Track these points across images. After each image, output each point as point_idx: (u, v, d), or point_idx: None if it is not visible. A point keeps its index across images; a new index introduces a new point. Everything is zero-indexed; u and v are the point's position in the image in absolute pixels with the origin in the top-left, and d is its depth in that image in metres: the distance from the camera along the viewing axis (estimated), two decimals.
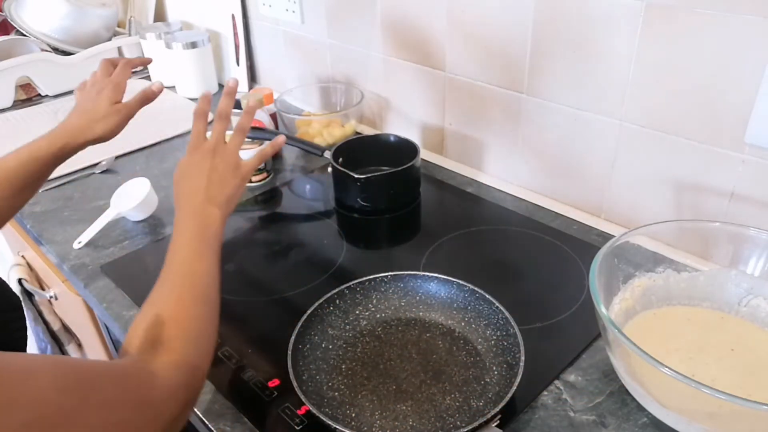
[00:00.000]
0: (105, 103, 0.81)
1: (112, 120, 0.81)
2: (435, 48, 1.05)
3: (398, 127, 1.21)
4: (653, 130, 0.82)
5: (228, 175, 0.69)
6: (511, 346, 0.66)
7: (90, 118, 0.80)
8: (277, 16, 1.35)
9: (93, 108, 0.81)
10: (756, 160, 0.73)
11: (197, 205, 0.65)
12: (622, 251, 0.70)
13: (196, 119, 0.73)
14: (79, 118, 0.80)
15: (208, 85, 1.52)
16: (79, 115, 0.81)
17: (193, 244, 0.62)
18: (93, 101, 0.82)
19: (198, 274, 0.60)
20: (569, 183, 0.96)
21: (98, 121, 0.80)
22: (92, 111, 0.80)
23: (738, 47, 0.70)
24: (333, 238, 0.95)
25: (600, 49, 0.82)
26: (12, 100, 1.48)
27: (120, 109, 0.82)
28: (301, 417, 0.63)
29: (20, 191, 0.74)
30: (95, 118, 0.80)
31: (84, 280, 0.87)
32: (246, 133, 0.75)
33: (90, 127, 0.80)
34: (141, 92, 0.85)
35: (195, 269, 0.60)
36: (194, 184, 0.67)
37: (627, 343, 0.56)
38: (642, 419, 0.62)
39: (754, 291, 0.70)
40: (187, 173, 0.69)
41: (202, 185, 0.67)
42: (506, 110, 0.99)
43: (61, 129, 0.79)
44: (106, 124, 0.80)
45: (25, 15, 1.55)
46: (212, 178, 0.68)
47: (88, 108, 0.81)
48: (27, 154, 0.75)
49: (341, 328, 0.73)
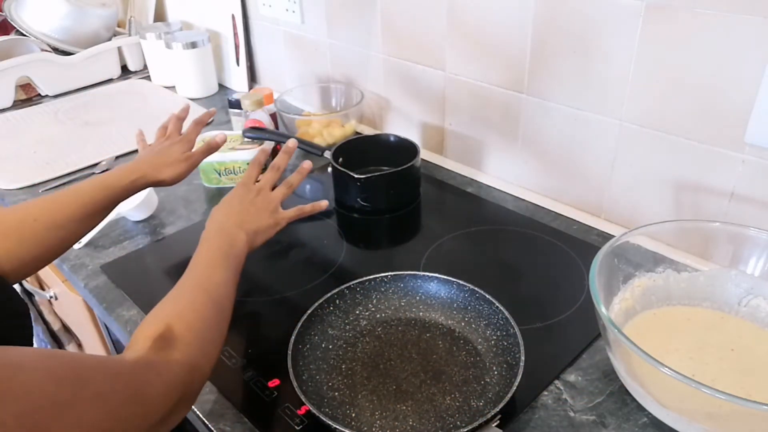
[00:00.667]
0: (177, 151, 0.87)
1: (181, 167, 0.86)
2: (435, 48, 1.05)
3: (398, 127, 1.21)
4: (653, 130, 0.82)
5: (264, 213, 0.76)
6: (511, 346, 0.66)
7: (162, 162, 0.85)
8: (277, 16, 1.35)
9: (166, 153, 0.86)
10: (756, 160, 0.73)
11: (226, 226, 0.71)
12: (622, 251, 0.70)
13: (251, 166, 0.81)
14: (151, 158, 0.85)
15: (208, 85, 1.52)
16: (152, 156, 0.86)
17: (215, 257, 0.66)
18: (167, 147, 0.88)
19: (214, 282, 0.63)
20: (569, 183, 0.96)
21: (169, 165, 0.85)
22: (165, 155, 0.86)
23: (738, 47, 0.70)
24: (333, 238, 0.95)
25: (600, 49, 0.82)
26: (12, 100, 1.48)
27: (189, 157, 0.88)
28: (301, 417, 0.63)
29: (89, 217, 0.76)
30: (167, 162, 0.85)
31: (84, 280, 0.87)
32: (293, 190, 0.82)
33: (161, 170, 0.84)
34: (206, 143, 0.90)
35: (212, 277, 0.64)
36: (230, 210, 0.74)
37: (627, 343, 0.56)
38: (642, 419, 0.62)
39: (754, 291, 0.70)
40: (227, 201, 0.76)
41: (235, 212, 0.74)
42: (506, 110, 0.99)
43: (135, 165, 0.83)
44: (175, 170, 0.86)
45: (25, 15, 1.55)
46: (249, 210, 0.75)
47: (161, 152, 0.87)
48: (100, 182, 0.78)
49: (341, 328, 0.73)
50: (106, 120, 1.38)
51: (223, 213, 0.74)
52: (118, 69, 1.65)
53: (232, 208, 0.74)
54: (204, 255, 0.67)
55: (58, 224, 0.72)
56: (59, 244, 0.73)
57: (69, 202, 0.74)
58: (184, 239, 0.96)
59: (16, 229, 0.69)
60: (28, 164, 1.19)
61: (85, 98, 1.52)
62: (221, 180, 1.08)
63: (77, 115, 1.41)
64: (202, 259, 0.66)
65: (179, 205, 1.04)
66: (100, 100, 1.51)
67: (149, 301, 0.82)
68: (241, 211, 0.74)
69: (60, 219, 0.72)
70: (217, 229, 0.71)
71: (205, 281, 0.63)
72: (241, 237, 0.71)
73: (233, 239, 0.70)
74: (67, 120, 1.39)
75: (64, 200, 0.75)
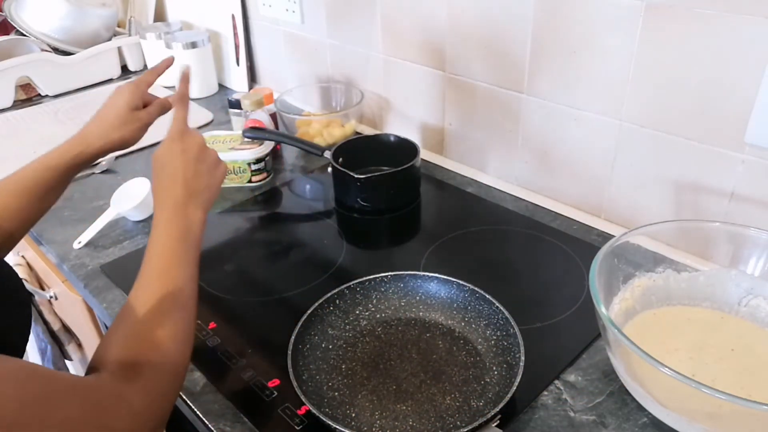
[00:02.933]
0: (124, 109, 0.78)
1: (130, 128, 0.78)
2: (435, 48, 1.05)
3: (398, 127, 1.21)
4: (653, 130, 0.82)
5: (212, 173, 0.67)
6: (511, 346, 0.66)
7: (107, 125, 0.77)
8: (277, 16, 1.35)
9: (111, 114, 0.78)
10: (756, 160, 0.73)
11: (181, 202, 0.62)
12: (622, 251, 0.70)
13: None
14: (96, 125, 0.78)
15: (208, 85, 1.52)
16: (96, 122, 0.78)
17: (176, 250, 0.60)
18: (110, 104, 0.79)
19: (179, 282, 0.58)
20: (569, 183, 0.96)
21: (116, 129, 0.77)
22: (110, 118, 0.78)
23: (738, 47, 0.70)
24: (333, 238, 0.95)
25: (600, 49, 0.82)
26: (12, 100, 1.48)
27: (140, 116, 0.80)
28: (301, 417, 0.63)
29: (38, 201, 0.72)
30: (114, 125, 0.77)
31: (84, 280, 0.87)
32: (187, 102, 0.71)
33: (107, 135, 0.77)
34: (160, 100, 0.83)
35: (176, 277, 0.58)
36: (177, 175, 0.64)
37: (627, 343, 0.56)
38: (642, 419, 0.62)
39: (754, 291, 0.70)
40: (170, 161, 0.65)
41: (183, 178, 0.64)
42: (506, 110, 0.99)
43: (77, 137, 0.77)
44: (123, 132, 0.78)
45: (25, 15, 1.55)
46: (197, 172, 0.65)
47: (106, 115, 0.78)
48: (42, 164, 0.73)
49: (341, 328, 0.73)
50: None
51: (171, 178, 0.63)
52: (118, 69, 1.65)
53: (178, 172, 0.64)
54: (164, 247, 0.60)
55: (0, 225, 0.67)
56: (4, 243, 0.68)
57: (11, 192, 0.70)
58: None
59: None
60: None
61: (85, 98, 1.52)
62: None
63: (77, 115, 1.41)
64: (163, 253, 0.60)
65: None
66: (101, 100, 1.48)
67: None
68: (190, 178, 0.64)
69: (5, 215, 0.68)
70: (171, 207, 0.62)
71: (170, 283, 0.57)
72: (199, 216, 0.63)
73: (191, 222, 0.62)
74: (67, 120, 1.39)
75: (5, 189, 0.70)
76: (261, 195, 1.07)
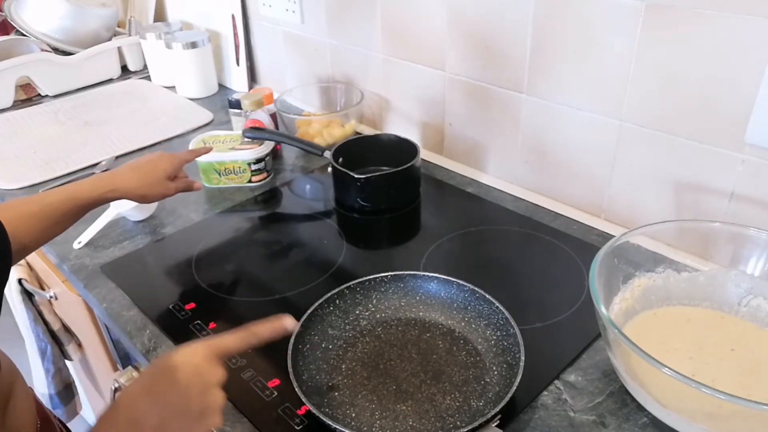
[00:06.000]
0: (161, 175, 0.83)
1: (157, 190, 0.83)
2: (435, 48, 1.05)
3: (398, 127, 1.21)
4: (653, 130, 0.82)
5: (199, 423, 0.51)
6: (511, 346, 0.66)
7: (142, 182, 0.81)
8: (277, 16, 1.35)
9: (150, 175, 0.82)
10: (756, 160, 0.73)
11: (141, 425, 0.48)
12: (622, 251, 0.70)
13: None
14: (131, 176, 0.81)
15: (208, 85, 1.52)
16: (133, 173, 0.82)
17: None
18: (151, 164, 0.83)
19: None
20: (569, 183, 0.96)
21: (147, 187, 0.82)
22: (147, 176, 0.82)
23: (738, 47, 0.70)
24: (333, 238, 0.95)
25: (600, 49, 0.82)
26: (12, 100, 1.48)
27: (169, 186, 0.85)
28: (301, 417, 0.63)
29: (55, 226, 0.74)
30: (148, 183, 0.82)
31: (84, 280, 0.87)
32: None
33: (137, 188, 0.81)
34: (188, 180, 0.88)
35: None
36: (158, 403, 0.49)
37: (627, 343, 0.56)
38: (642, 419, 0.62)
39: (754, 291, 0.70)
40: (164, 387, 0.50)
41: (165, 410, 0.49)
42: (506, 110, 0.99)
43: (108, 177, 0.80)
44: (150, 192, 0.82)
45: (25, 15, 1.55)
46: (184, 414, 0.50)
47: (146, 172, 0.82)
48: (68, 194, 0.75)
49: (341, 328, 0.73)
50: (106, 120, 1.37)
51: (148, 401, 0.49)
52: (118, 69, 1.65)
53: (164, 402, 0.49)
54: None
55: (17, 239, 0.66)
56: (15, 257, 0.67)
57: (32, 213, 0.71)
58: (183, 239, 0.95)
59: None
60: (28, 164, 1.19)
61: (85, 98, 1.52)
62: (221, 180, 1.08)
63: (77, 115, 1.41)
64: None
65: (179, 205, 1.04)
66: (100, 100, 1.51)
67: (149, 301, 0.82)
68: (171, 414, 0.49)
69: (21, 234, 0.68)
70: (128, 422, 0.48)
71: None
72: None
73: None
74: (67, 120, 1.39)
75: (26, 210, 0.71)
76: (261, 195, 1.07)
